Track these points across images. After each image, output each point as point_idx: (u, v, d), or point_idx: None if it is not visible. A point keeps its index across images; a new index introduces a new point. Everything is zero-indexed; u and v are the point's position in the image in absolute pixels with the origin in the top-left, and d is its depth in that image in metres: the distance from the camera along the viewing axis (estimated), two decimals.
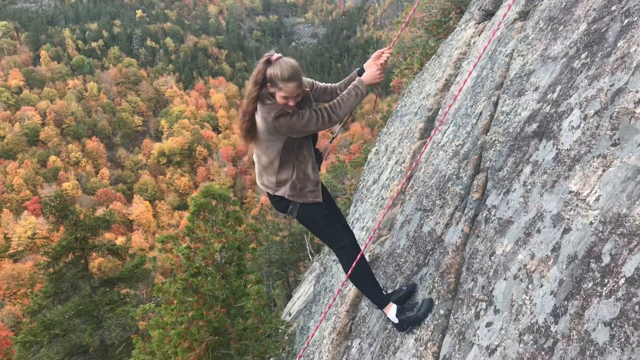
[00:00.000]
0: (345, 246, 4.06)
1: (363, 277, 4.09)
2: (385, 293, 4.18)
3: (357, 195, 8.81)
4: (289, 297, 32.85)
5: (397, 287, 4.50)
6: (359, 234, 6.51)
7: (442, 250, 4.01)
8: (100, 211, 20.53)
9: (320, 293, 7.08)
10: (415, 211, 4.98)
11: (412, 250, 4.59)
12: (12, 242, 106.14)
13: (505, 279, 2.99)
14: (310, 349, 6.21)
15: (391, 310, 4.05)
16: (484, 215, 3.63)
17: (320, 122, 3.76)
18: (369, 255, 5.48)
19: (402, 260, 4.70)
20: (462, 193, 4.18)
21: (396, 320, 4.00)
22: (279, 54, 3.73)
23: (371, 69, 3.97)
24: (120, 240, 23.89)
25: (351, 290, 5.60)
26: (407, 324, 3.96)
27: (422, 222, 4.68)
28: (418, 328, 3.82)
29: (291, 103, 3.67)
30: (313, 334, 4.87)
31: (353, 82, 3.94)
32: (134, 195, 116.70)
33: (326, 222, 4.08)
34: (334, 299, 5.26)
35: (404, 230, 5.03)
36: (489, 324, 2.96)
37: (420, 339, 3.71)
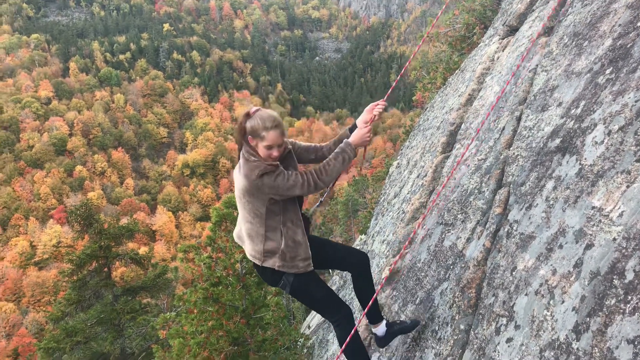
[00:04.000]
0: (343, 318, 3.89)
1: (357, 353, 3.96)
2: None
3: (378, 209, 8.80)
4: (308, 310, 32.74)
5: (404, 318, 4.45)
6: (379, 247, 6.50)
7: (463, 265, 3.99)
8: (124, 221, 20.80)
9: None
10: (437, 225, 4.96)
11: (432, 264, 4.57)
12: (37, 250, 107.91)
13: (526, 295, 2.96)
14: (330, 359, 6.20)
15: None
16: (506, 230, 3.61)
17: (306, 187, 3.58)
18: (389, 269, 5.46)
19: (423, 274, 4.68)
20: (484, 207, 4.16)
21: None
22: (258, 107, 3.61)
23: (360, 131, 3.86)
24: (143, 250, 24.14)
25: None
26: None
27: (443, 236, 4.66)
28: (437, 342, 3.79)
29: (275, 153, 3.52)
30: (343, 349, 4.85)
31: (340, 145, 3.80)
32: (158, 206, 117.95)
33: (322, 292, 3.88)
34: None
35: (424, 244, 5.01)
36: (509, 340, 2.93)
37: (439, 354, 3.69)
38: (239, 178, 3.59)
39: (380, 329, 4.19)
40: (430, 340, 3.94)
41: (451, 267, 4.18)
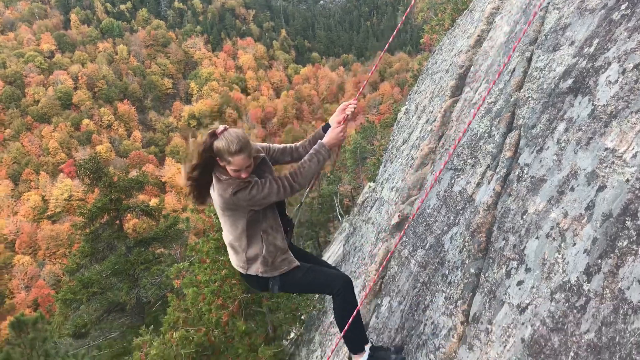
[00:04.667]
0: (341, 291, 3.85)
1: (353, 321, 3.90)
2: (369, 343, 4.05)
3: (387, 156, 8.77)
4: (319, 257, 33.13)
5: (386, 345, 4.37)
6: (389, 194, 6.50)
7: (473, 210, 3.98)
8: (133, 173, 20.89)
9: (350, 253, 7.13)
10: (446, 170, 4.93)
11: (442, 209, 4.56)
12: (49, 204, 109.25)
13: (537, 238, 2.96)
14: None
15: (361, 357, 4.00)
16: (516, 173, 3.57)
17: (282, 192, 3.58)
18: (399, 216, 5.48)
19: (432, 219, 4.69)
20: (494, 151, 4.12)
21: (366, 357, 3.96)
22: (225, 126, 3.53)
23: (333, 131, 3.84)
24: (153, 202, 24.35)
25: (380, 249, 5.62)
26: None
27: (452, 181, 4.64)
28: (448, 286, 3.83)
29: (243, 175, 3.48)
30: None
31: (314, 147, 3.77)
32: (166, 158, 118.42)
33: (312, 276, 3.87)
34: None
35: (434, 189, 5.00)
36: (520, 283, 2.94)
37: (450, 297, 3.73)
38: (214, 196, 3.59)
39: (364, 358, 4.10)
40: (440, 284, 3.98)
41: (461, 212, 4.18)
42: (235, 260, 3.84)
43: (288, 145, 4.08)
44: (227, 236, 3.79)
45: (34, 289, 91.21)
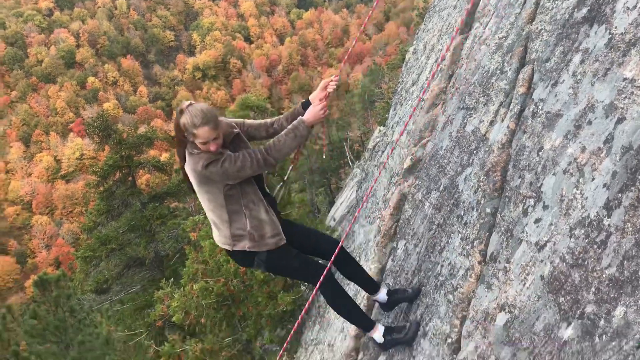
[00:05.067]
0: (323, 283, 3.84)
1: (346, 308, 4.02)
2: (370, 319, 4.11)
3: (396, 98, 8.64)
4: (331, 203, 33.49)
5: (405, 285, 4.47)
6: (400, 138, 6.43)
7: (486, 149, 3.92)
8: (142, 129, 20.89)
9: (364, 198, 7.13)
10: (458, 110, 4.84)
11: (455, 150, 4.51)
12: (62, 164, 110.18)
13: (554, 174, 2.91)
14: (356, 251, 6.35)
15: (378, 331, 4.01)
16: (531, 109, 3.49)
17: (255, 164, 3.53)
18: (411, 159, 5.43)
19: (445, 161, 4.64)
20: (506, 88, 4.02)
21: (382, 341, 4.00)
22: (190, 101, 3.49)
23: (314, 108, 3.75)
24: (164, 157, 24.42)
25: (394, 194, 5.60)
26: (392, 345, 4.02)
27: (465, 121, 4.56)
28: (464, 227, 3.82)
29: (212, 147, 3.44)
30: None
31: (293, 123, 3.70)
32: (173, 112, 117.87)
33: (297, 262, 3.87)
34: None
35: (446, 130, 4.93)
36: (537, 220, 2.91)
37: (466, 238, 3.72)
38: (188, 170, 3.57)
39: (381, 295, 4.24)
40: (456, 225, 3.97)
41: (474, 152, 4.12)
42: (219, 237, 3.82)
43: (263, 121, 4.01)
44: (208, 213, 3.75)
45: (54, 247, 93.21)
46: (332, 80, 3.87)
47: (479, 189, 3.78)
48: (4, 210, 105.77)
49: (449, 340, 3.45)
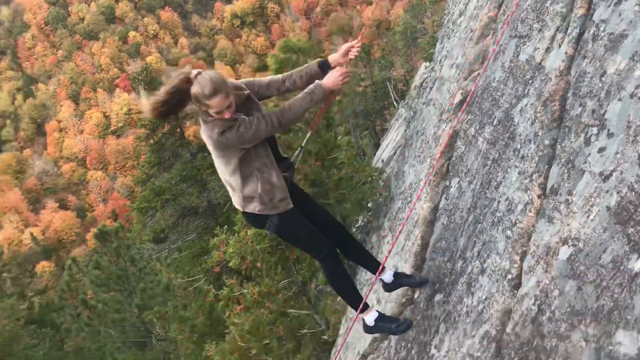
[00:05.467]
0: (327, 257, 3.96)
1: (343, 286, 4.12)
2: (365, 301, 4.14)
3: (443, 31, 8.32)
4: (377, 145, 33.26)
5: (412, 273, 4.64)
6: (449, 72, 6.22)
7: (543, 78, 3.74)
8: None
9: (412, 137, 7.00)
10: (510, 39, 4.61)
11: (509, 81, 4.32)
12: (111, 120, 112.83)
13: (619, 100, 2.74)
14: (407, 191, 6.29)
15: (371, 314, 4.07)
16: (591, 32, 3.28)
17: (270, 127, 3.55)
18: (462, 94, 5.26)
19: (499, 93, 4.47)
20: (563, 11, 3.78)
21: (371, 324, 4.06)
22: (199, 70, 3.47)
23: (334, 74, 3.68)
24: None
25: (445, 131, 5.47)
26: (378, 331, 4.17)
27: (518, 50, 4.35)
28: (521, 161, 3.69)
29: (227, 115, 3.45)
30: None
31: (310, 87, 3.66)
32: (215, 62, 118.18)
33: (306, 232, 3.94)
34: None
35: (498, 61, 4.72)
36: (601, 149, 2.78)
37: (524, 172, 3.60)
38: (204, 138, 3.62)
39: (387, 276, 4.29)
40: (512, 159, 3.84)
41: (530, 81, 3.94)
42: (234, 198, 3.89)
43: (274, 77, 3.94)
44: (223, 175, 3.82)
45: (110, 201, 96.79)
46: (353, 46, 3.82)
47: (536, 120, 3.64)
48: (61, 167, 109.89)
49: (509, 276, 3.41)
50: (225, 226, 11.82)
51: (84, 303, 19.96)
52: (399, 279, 4.33)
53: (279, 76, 3.94)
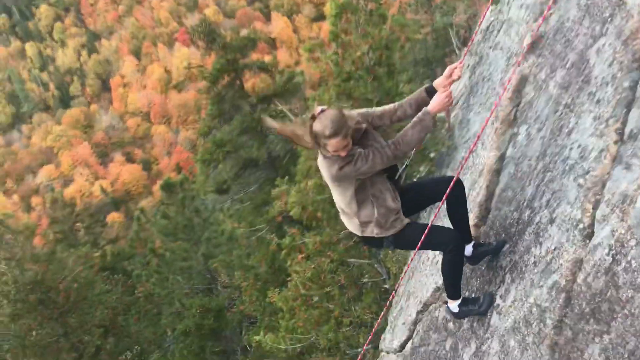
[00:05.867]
0: (451, 251, 4.04)
1: (455, 278, 4.18)
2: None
3: None
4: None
5: (488, 241, 4.54)
6: (517, 13, 5.89)
7: (624, 15, 3.48)
8: (244, 32, 20.99)
9: (478, 84, 6.75)
10: None
11: (584, 20, 4.06)
12: (172, 74, 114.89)
13: None
14: (472, 140, 6.12)
15: (456, 302, 4.21)
16: None
17: (386, 160, 3.68)
18: (532, 36, 4.99)
19: (573, 34, 4.21)
20: None
21: (456, 310, 4.21)
22: (321, 108, 3.65)
23: (439, 96, 3.73)
24: (267, 59, 24.58)
25: (513, 76, 5.24)
26: (465, 316, 4.27)
27: None
28: (596, 105, 3.50)
29: (342, 154, 3.62)
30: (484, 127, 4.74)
31: (418, 115, 3.72)
32: (272, 13, 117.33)
33: (425, 234, 3.95)
34: None
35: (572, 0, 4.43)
36: None
37: (599, 117, 3.42)
38: (322, 170, 3.81)
39: (468, 248, 4.35)
40: (586, 104, 3.64)
41: (609, 19, 3.68)
42: (350, 224, 4.08)
43: (387, 107, 4.05)
44: (338, 202, 4.02)
45: (174, 154, 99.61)
46: (456, 67, 3.83)
47: (615, 62, 3.41)
48: (126, 122, 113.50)
49: (581, 226, 3.28)
50: (286, 177, 11.94)
51: (153, 251, 20.86)
52: (479, 249, 4.38)
53: (392, 106, 4.06)
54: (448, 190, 4.00)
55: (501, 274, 4.20)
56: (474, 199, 5.21)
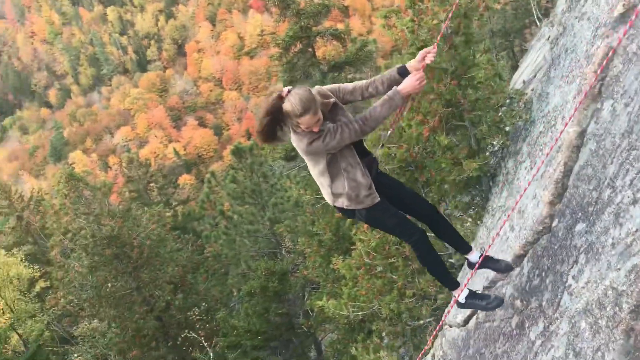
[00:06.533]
0: (417, 241, 4.22)
1: (436, 268, 4.38)
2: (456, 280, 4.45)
3: None
4: (514, 68, 31.30)
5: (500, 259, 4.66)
6: None
7: None
8: None
9: (560, 56, 6.42)
10: None
11: None
12: (245, 41, 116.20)
13: None
14: (551, 114, 5.87)
15: (462, 293, 4.33)
16: None
17: (353, 134, 3.89)
18: (624, 5, 4.69)
19: None
20: None
21: (463, 300, 4.34)
22: (289, 87, 3.83)
23: (411, 78, 3.89)
24: (340, 27, 24.37)
25: (600, 48, 4.96)
26: (469, 307, 4.43)
27: None
28: None
29: (315, 129, 3.82)
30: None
31: (389, 93, 3.91)
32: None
33: (394, 220, 4.22)
34: None
35: None
36: None
37: None
38: (295, 144, 4.00)
39: (473, 256, 4.50)
40: None
41: None
42: (324, 194, 4.28)
43: (357, 83, 4.19)
44: (313, 175, 4.21)
45: (244, 120, 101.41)
46: (430, 52, 4.00)
47: None
48: (200, 87, 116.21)
49: None
50: None
51: (222, 214, 21.51)
52: (485, 263, 4.51)
53: (363, 82, 4.21)
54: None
55: (575, 254, 4.06)
56: (550, 175, 5.03)
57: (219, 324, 18.23)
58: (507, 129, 7.35)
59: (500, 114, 7.38)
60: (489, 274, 5.69)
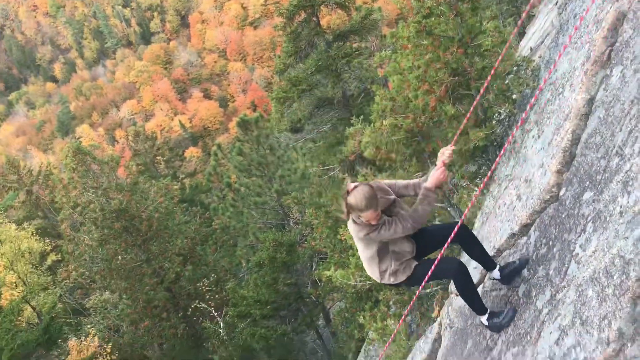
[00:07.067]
0: (457, 275, 4.50)
1: (473, 297, 4.62)
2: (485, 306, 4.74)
3: None
4: (521, 34, 30.80)
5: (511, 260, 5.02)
6: None
7: None
8: None
9: (569, 22, 6.31)
10: None
11: None
12: (249, 11, 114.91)
13: None
14: (559, 81, 5.79)
15: (485, 316, 4.66)
16: None
17: (405, 230, 4.34)
18: None
19: None
20: None
21: (486, 324, 4.67)
22: (354, 184, 4.28)
23: (435, 173, 4.44)
24: None
25: (609, 13, 4.86)
26: (496, 329, 4.62)
27: None
28: None
29: (373, 222, 4.26)
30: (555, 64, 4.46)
31: (421, 192, 4.44)
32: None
33: (432, 269, 4.47)
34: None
35: None
36: None
37: None
38: (351, 231, 4.50)
39: (495, 272, 4.83)
40: None
41: None
42: (371, 272, 4.72)
43: (411, 181, 4.70)
44: (362, 256, 4.67)
45: (250, 92, 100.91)
46: (447, 150, 4.48)
47: None
48: (204, 58, 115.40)
49: None
50: (361, 116, 11.83)
51: (229, 186, 21.54)
52: (505, 271, 4.78)
53: (415, 180, 4.69)
54: (453, 234, 4.47)
55: (582, 222, 4.05)
56: (557, 144, 4.99)
57: (229, 294, 18.45)
58: (514, 97, 7.26)
59: (507, 81, 7.28)
60: (498, 240, 5.70)
